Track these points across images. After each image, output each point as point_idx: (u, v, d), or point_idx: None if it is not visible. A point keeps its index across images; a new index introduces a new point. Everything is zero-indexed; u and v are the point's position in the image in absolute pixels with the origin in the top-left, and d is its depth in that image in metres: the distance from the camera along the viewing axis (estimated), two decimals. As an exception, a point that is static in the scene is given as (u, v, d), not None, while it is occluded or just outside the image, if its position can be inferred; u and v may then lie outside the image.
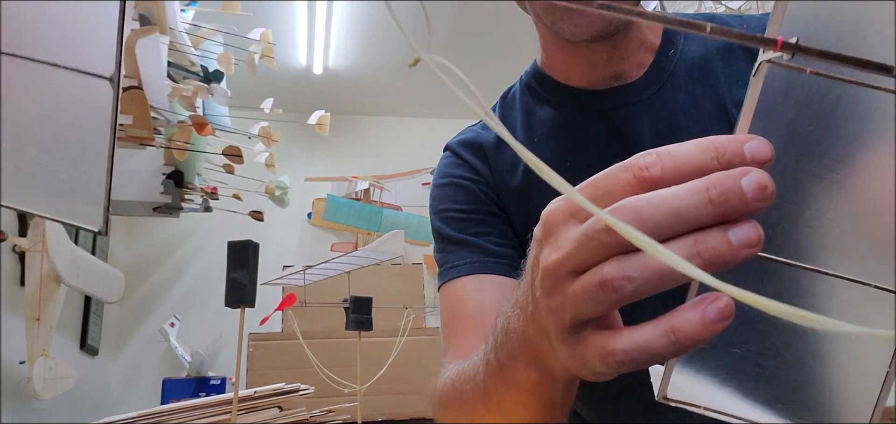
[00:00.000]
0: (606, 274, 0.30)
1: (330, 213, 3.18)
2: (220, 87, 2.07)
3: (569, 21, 0.66)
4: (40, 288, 1.60)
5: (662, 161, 0.29)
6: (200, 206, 2.52)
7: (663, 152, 0.29)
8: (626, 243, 0.28)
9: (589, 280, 0.30)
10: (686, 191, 0.28)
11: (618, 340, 0.32)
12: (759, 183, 0.27)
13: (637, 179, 0.29)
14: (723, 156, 0.28)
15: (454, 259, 0.75)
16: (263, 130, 2.37)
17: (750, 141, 0.28)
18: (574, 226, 0.31)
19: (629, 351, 0.31)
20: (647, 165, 0.29)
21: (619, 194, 0.30)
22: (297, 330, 2.08)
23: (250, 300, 1.36)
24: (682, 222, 0.28)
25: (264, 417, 1.64)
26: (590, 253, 0.30)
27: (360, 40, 3.07)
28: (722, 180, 0.28)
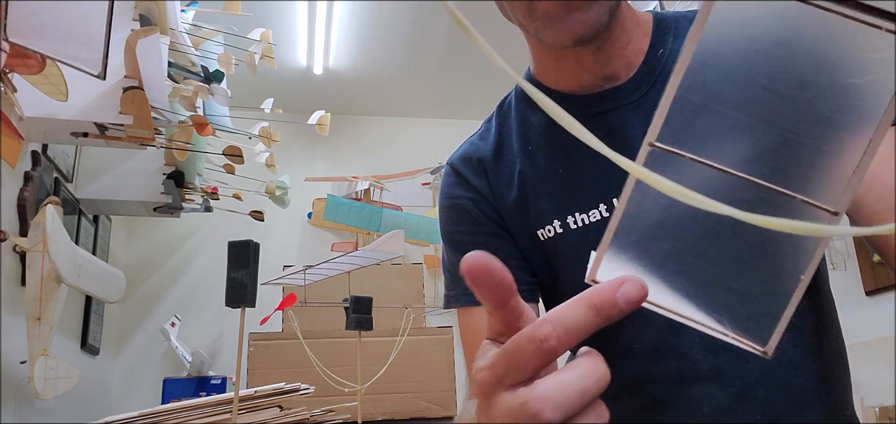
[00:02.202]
0: None
1: (330, 213, 3.18)
2: (221, 87, 2.07)
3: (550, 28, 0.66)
4: (41, 288, 1.60)
5: (557, 330, 0.34)
6: (201, 206, 2.53)
7: (556, 320, 0.34)
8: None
9: None
10: (582, 311, 0.35)
11: None
12: (630, 292, 0.34)
13: (541, 351, 0.34)
14: (602, 310, 0.34)
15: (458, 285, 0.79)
16: (264, 131, 2.37)
17: (621, 286, 0.34)
18: (504, 393, 0.36)
19: None
20: (547, 336, 0.34)
21: (530, 364, 0.35)
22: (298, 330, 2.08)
23: (251, 300, 1.37)
24: (584, 334, 0.35)
25: (264, 416, 1.64)
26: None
27: (360, 40, 3.07)
28: (604, 298, 0.34)
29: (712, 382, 0.66)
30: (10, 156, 1.21)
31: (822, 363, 0.69)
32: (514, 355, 0.35)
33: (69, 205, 2.30)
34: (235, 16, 2.16)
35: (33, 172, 1.99)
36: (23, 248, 1.69)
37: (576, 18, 0.64)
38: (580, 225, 0.72)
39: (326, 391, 1.91)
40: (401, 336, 2.03)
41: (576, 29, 0.65)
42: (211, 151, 2.29)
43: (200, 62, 2.07)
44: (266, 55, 2.19)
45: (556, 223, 0.73)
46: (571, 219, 0.73)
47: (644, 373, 0.69)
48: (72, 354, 2.43)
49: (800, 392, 0.67)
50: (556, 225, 0.73)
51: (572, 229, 0.73)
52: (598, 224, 0.71)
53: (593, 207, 0.71)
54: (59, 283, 1.64)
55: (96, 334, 2.68)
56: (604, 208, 0.71)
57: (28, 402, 1.87)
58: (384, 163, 3.55)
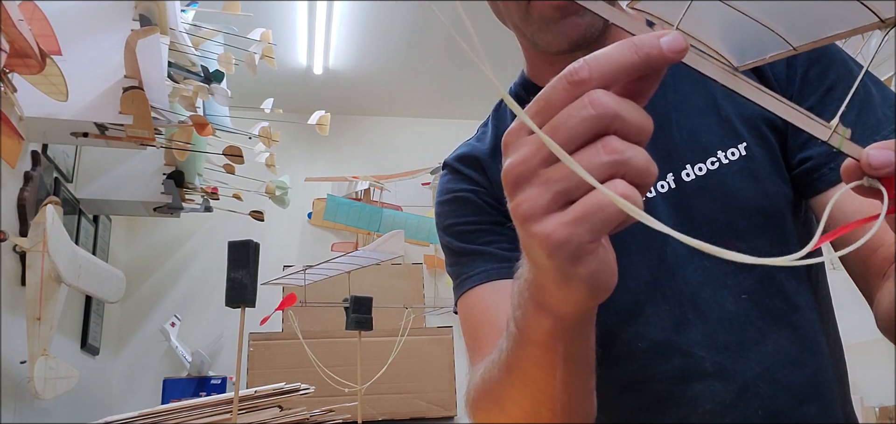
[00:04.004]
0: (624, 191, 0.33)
1: (330, 213, 3.18)
2: (221, 87, 2.08)
3: (545, 33, 0.67)
4: (41, 288, 1.60)
5: (589, 65, 0.34)
6: (201, 206, 2.53)
7: (590, 58, 0.34)
8: (581, 129, 0.33)
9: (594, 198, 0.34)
10: (619, 48, 0.34)
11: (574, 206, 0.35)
12: (674, 42, 0.33)
13: (570, 83, 0.34)
14: (641, 49, 0.33)
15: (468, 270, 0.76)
16: (264, 131, 2.37)
17: (665, 35, 0.33)
18: (527, 136, 0.36)
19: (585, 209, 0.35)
20: (577, 69, 0.34)
21: (558, 103, 0.34)
22: (298, 330, 2.08)
23: (251, 300, 1.37)
24: (620, 73, 0.34)
25: (264, 416, 1.64)
26: (559, 141, 0.34)
27: (360, 40, 3.07)
28: (645, 40, 0.33)
29: (714, 379, 0.67)
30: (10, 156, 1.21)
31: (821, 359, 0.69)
32: (542, 94, 0.35)
33: (69, 205, 2.30)
34: (235, 16, 2.16)
35: (33, 172, 1.99)
36: (23, 248, 1.69)
37: (571, 23, 0.65)
38: None
39: (326, 391, 1.91)
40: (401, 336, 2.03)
41: (571, 33, 0.65)
42: (211, 151, 2.29)
43: (200, 62, 2.07)
44: (266, 55, 2.19)
45: None
46: None
47: (646, 372, 0.69)
48: (72, 354, 2.43)
49: (800, 388, 0.67)
50: None
51: None
52: None
53: None
54: (59, 283, 1.64)
55: (96, 334, 2.68)
56: None
57: (28, 402, 1.87)
58: (384, 163, 3.55)
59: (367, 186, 3.38)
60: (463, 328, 0.77)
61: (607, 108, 0.33)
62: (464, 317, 0.77)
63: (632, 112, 0.34)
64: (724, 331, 0.67)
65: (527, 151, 0.35)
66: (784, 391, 0.67)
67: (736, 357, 0.67)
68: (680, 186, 0.69)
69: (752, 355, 0.66)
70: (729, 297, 0.67)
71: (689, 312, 0.68)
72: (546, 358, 0.47)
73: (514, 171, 0.36)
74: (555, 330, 0.44)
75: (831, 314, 0.74)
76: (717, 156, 0.68)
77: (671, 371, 0.68)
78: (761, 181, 0.68)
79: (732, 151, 0.68)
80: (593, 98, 0.33)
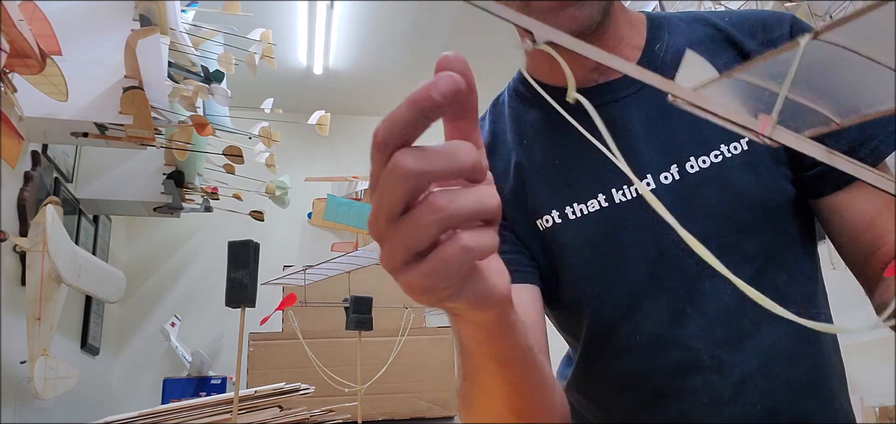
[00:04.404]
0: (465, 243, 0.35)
1: (330, 213, 3.18)
2: (221, 87, 2.07)
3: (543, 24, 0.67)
4: (41, 288, 1.60)
5: (384, 127, 0.35)
6: (201, 206, 2.53)
7: (386, 118, 0.35)
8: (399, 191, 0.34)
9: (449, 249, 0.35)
10: (401, 108, 0.34)
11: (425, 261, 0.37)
12: (440, 83, 0.34)
13: (375, 148, 0.35)
14: (418, 105, 0.34)
15: None
16: (264, 131, 2.37)
17: (437, 81, 0.34)
18: (373, 193, 0.37)
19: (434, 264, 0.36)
20: (375, 132, 0.35)
21: (376, 171, 0.36)
22: (298, 330, 2.08)
23: (251, 300, 1.37)
24: (406, 131, 0.34)
25: (264, 416, 1.64)
26: (387, 204, 0.35)
27: (360, 40, 3.07)
28: (419, 94, 0.34)
29: (712, 372, 0.67)
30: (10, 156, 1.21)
31: (818, 354, 0.70)
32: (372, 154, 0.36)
33: (69, 205, 2.30)
34: (235, 16, 2.16)
35: (33, 172, 1.99)
36: (23, 248, 1.69)
37: (568, 14, 0.66)
38: (579, 215, 0.72)
39: (326, 391, 1.91)
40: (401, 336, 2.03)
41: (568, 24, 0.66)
42: (211, 151, 2.29)
43: (200, 62, 2.07)
44: (266, 55, 2.19)
45: (555, 213, 0.74)
46: (570, 209, 0.73)
47: (645, 367, 0.70)
48: (72, 354, 2.43)
49: (798, 383, 0.68)
50: (554, 215, 0.74)
51: (571, 220, 0.73)
52: (597, 214, 0.71)
53: (592, 197, 0.72)
54: (59, 283, 1.64)
55: (96, 334, 2.68)
56: (602, 199, 0.71)
57: (28, 402, 1.87)
58: (384, 163, 3.55)
59: (368, 186, 3.38)
60: None
61: (408, 170, 0.33)
62: None
63: (445, 161, 0.34)
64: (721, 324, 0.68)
65: (373, 208, 0.36)
66: (782, 386, 0.67)
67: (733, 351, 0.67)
68: (684, 177, 0.69)
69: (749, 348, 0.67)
70: (727, 290, 0.68)
71: (687, 305, 0.68)
72: (484, 363, 0.50)
73: (370, 227, 0.37)
74: (477, 336, 0.47)
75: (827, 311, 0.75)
76: (719, 149, 0.69)
77: (669, 365, 0.68)
78: (762, 176, 0.69)
79: (734, 146, 0.69)
80: (396, 163, 0.34)
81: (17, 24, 1.09)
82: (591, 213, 0.72)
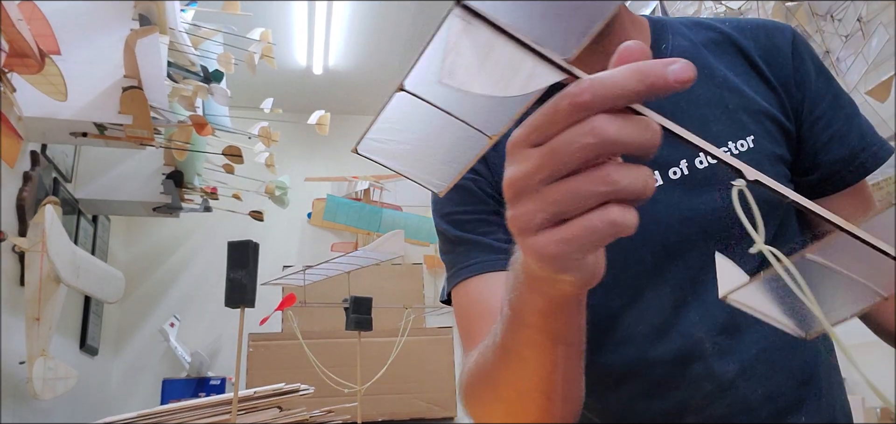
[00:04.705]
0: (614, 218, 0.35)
1: (330, 213, 3.18)
2: (220, 87, 2.07)
3: None
4: (40, 288, 1.60)
5: (593, 89, 0.33)
6: (200, 206, 2.52)
7: (595, 81, 0.34)
8: (581, 155, 0.34)
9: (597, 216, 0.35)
10: (625, 74, 0.34)
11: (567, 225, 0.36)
12: (681, 71, 0.33)
13: (572, 105, 0.34)
14: (646, 78, 0.33)
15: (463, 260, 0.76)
16: (263, 130, 2.37)
17: (673, 64, 0.33)
18: (529, 149, 0.36)
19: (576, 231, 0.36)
20: (580, 92, 0.33)
21: (560, 123, 0.34)
22: (297, 330, 2.08)
23: (250, 300, 1.36)
24: (623, 99, 0.33)
25: (264, 417, 1.64)
26: (557, 164, 0.35)
27: (360, 40, 3.07)
28: (651, 69, 0.33)
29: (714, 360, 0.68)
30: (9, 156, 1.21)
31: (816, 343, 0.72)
32: (545, 110, 0.35)
33: (68, 205, 2.29)
34: (235, 15, 2.16)
35: (32, 172, 1.98)
36: (22, 248, 1.68)
37: None
38: None
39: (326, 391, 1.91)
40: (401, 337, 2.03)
41: None
42: (210, 151, 2.29)
43: (200, 62, 2.07)
44: (266, 55, 2.19)
45: None
46: None
47: (646, 356, 0.70)
48: (71, 354, 2.42)
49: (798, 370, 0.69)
50: None
51: None
52: None
53: None
54: (58, 283, 1.64)
55: (95, 334, 2.68)
56: None
57: (27, 402, 1.87)
58: (384, 163, 3.55)
59: (367, 186, 3.38)
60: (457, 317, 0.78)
61: (607, 137, 0.33)
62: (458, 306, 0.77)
63: (635, 134, 0.34)
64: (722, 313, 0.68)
65: (529, 167, 0.36)
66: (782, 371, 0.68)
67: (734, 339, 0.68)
68: (693, 173, 0.70)
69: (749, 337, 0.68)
70: None
71: (689, 295, 0.69)
72: (539, 339, 0.49)
73: (516, 184, 0.37)
74: (547, 310, 0.46)
75: None
76: (727, 146, 0.70)
77: (671, 353, 0.69)
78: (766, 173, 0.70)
79: (741, 143, 0.70)
80: (595, 127, 0.33)
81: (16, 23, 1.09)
82: None
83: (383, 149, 0.38)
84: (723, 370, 0.67)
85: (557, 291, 0.43)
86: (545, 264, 0.37)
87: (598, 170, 0.34)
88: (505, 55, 0.34)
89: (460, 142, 0.37)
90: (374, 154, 0.38)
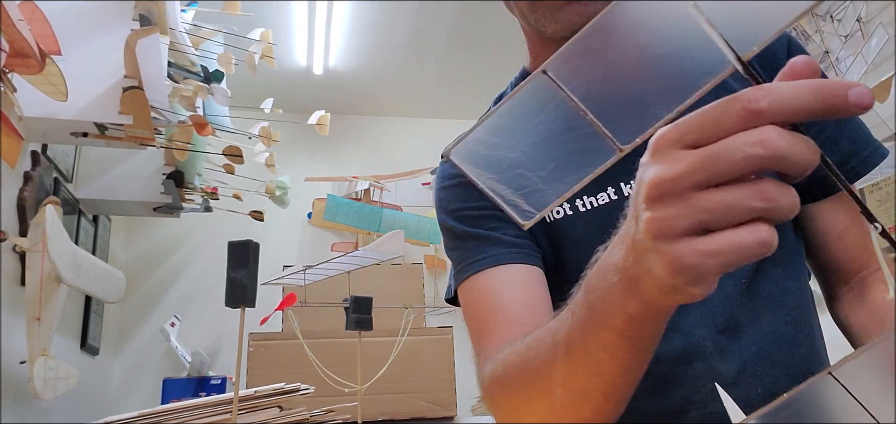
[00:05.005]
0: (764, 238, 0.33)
1: (330, 213, 3.18)
2: (221, 87, 2.07)
3: (550, 19, 0.69)
4: (41, 288, 1.60)
5: (770, 96, 0.31)
6: (201, 206, 2.53)
7: (772, 89, 0.32)
8: (744, 165, 0.32)
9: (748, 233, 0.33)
10: (803, 89, 0.32)
11: (713, 237, 0.34)
12: (863, 96, 0.31)
13: (746, 111, 0.32)
14: (827, 98, 0.31)
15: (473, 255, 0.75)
16: (264, 131, 2.37)
17: (854, 87, 0.31)
18: (682, 150, 0.34)
19: (723, 245, 0.34)
20: (757, 97, 0.32)
21: (727, 127, 0.32)
22: (298, 330, 2.08)
23: (250, 300, 1.36)
24: (799, 114, 0.32)
25: (264, 417, 1.64)
26: (715, 171, 0.33)
27: (360, 40, 3.07)
28: (831, 87, 0.31)
29: (715, 358, 0.68)
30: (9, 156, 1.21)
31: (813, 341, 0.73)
32: (709, 111, 0.33)
33: (69, 205, 2.30)
34: (235, 16, 2.16)
35: (33, 172, 1.99)
36: (22, 248, 1.69)
37: (574, 9, 0.67)
38: (589, 208, 0.74)
39: (326, 391, 1.91)
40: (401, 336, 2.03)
41: (575, 20, 0.67)
42: (211, 151, 2.29)
43: (200, 62, 2.07)
44: (266, 55, 2.19)
45: (566, 205, 0.74)
46: (580, 201, 0.74)
47: None
48: (71, 354, 2.42)
49: (796, 366, 0.70)
50: (564, 207, 0.74)
51: (581, 212, 0.74)
52: (606, 207, 0.72)
53: (602, 190, 0.73)
54: (58, 283, 1.64)
55: (96, 334, 2.68)
56: (612, 192, 0.73)
57: (28, 402, 1.87)
58: (384, 163, 3.55)
59: (367, 186, 3.38)
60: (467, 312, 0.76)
61: (777, 150, 0.31)
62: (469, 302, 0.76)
63: (801, 152, 0.32)
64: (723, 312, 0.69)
65: (681, 169, 0.34)
66: (781, 369, 0.69)
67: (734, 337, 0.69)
68: None
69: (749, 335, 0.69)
70: (729, 280, 0.70)
71: None
72: (618, 343, 0.47)
73: (662, 185, 0.35)
74: (640, 317, 0.43)
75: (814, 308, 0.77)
76: None
77: (672, 352, 0.69)
78: None
79: None
80: (766, 138, 0.31)
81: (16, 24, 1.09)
82: (600, 206, 0.73)
83: (483, 156, 0.34)
84: (723, 369, 0.68)
85: (667, 300, 0.40)
86: (679, 274, 0.35)
87: (757, 184, 0.33)
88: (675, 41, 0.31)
89: (580, 153, 0.34)
90: (467, 161, 0.34)
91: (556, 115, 0.34)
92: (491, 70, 3.23)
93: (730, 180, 0.33)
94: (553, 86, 0.33)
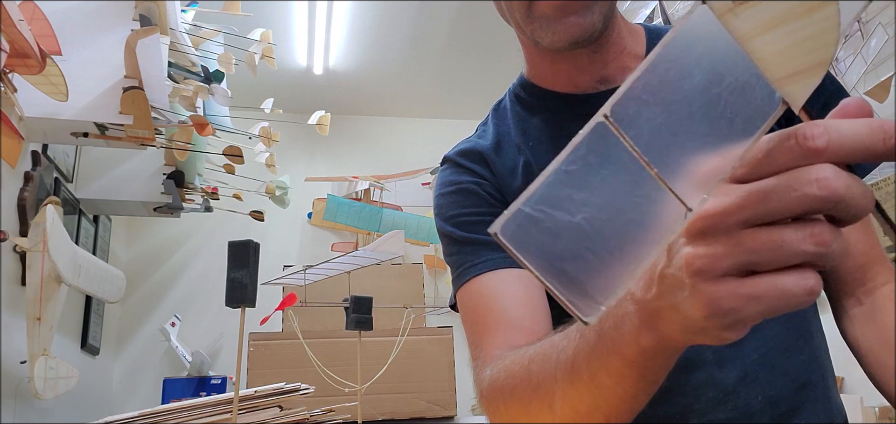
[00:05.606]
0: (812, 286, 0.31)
1: (330, 213, 3.18)
2: (221, 87, 2.07)
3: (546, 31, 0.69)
4: (41, 288, 1.60)
5: (830, 135, 0.30)
6: (201, 206, 2.53)
7: (831, 126, 0.30)
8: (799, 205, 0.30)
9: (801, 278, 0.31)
10: (865, 128, 0.30)
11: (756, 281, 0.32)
12: None
13: (802, 148, 0.30)
14: (888, 138, 0.30)
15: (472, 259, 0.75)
16: (264, 131, 2.37)
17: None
18: (729, 183, 0.32)
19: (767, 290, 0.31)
20: (815, 134, 0.30)
21: (781, 162, 0.30)
22: (298, 330, 2.08)
23: (251, 300, 1.37)
24: (860, 155, 0.30)
25: (265, 416, 1.64)
26: (766, 209, 0.31)
27: (360, 40, 3.07)
28: (892, 127, 0.30)
29: (716, 366, 0.68)
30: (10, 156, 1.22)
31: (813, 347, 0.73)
32: (762, 145, 0.31)
33: (69, 205, 2.30)
34: (235, 16, 2.16)
35: (33, 172, 1.99)
36: (23, 248, 1.69)
37: (571, 21, 0.67)
38: None
39: (326, 391, 1.91)
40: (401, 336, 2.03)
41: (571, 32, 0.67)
42: (211, 151, 2.29)
43: (200, 62, 2.07)
44: (266, 55, 2.19)
45: None
46: None
47: None
48: (72, 354, 2.42)
49: (796, 374, 0.70)
50: None
51: None
52: None
53: None
54: (59, 283, 1.64)
55: (96, 334, 2.68)
56: None
57: (28, 402, 1.87)
58: (384, 163, 3.55)
59: (367, 186, 3.38)
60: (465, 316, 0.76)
61: (835, 193, 0.29)
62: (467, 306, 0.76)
63: (856, 196, 0.30)
64: None
65: (727, 204, 0.31)
66: (782, 375, 0.69)
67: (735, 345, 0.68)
68: None
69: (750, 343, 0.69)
70: None
71: None
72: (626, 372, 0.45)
73: (708, 219, 0.32)
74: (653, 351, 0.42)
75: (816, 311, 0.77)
76: None
77: None
78: None
79: None
80: (823, 179, 0.29)
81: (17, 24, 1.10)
82: None
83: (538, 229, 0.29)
84: (724, 377, 0.68)
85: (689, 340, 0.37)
86: (715, 317, 0.33)
87: (810, 226, 0.30)
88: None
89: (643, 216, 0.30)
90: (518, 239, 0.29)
91: (614, 174, 0.30)
92: (491, 70, 3.23)
93: (778, 220, 0.31)
94: (613, 134, 0.29)
